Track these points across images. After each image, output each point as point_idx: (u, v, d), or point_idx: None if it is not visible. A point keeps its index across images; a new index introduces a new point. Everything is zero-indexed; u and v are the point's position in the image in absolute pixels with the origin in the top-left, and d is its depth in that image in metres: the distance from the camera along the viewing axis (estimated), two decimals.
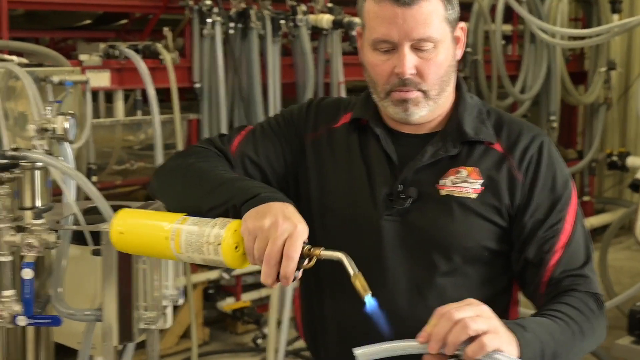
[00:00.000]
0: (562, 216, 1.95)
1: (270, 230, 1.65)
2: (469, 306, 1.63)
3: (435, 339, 1.60)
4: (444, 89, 1.94)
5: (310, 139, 2.08)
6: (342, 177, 2.02)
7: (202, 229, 1.67)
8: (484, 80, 6.66)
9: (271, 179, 2.03)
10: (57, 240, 1.81)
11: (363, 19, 1.96)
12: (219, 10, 4.95)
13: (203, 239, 1.66)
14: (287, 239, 1.65)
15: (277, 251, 1.65)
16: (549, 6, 6.81)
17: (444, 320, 1.61)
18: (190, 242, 1.67)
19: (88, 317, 1.83)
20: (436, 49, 1.89)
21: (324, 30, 5.39)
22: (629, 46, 8.16)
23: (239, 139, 2.08)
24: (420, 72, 1.89)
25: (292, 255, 1.64)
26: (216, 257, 1.67)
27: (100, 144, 4.78)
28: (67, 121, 1.88)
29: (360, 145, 2.03)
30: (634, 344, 4.63)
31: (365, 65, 1.97)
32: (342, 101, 2.14)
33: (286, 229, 1.66)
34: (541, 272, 1.94)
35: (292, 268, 1.65)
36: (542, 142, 1.99)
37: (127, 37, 5.46)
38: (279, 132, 2.09)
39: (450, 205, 1.93)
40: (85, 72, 4.41)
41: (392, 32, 1.87)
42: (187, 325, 5.06)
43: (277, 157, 2.06)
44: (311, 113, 2.11)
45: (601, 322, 1.94)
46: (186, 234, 1.68)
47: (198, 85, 5.06)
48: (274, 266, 1.65)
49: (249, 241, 1.66)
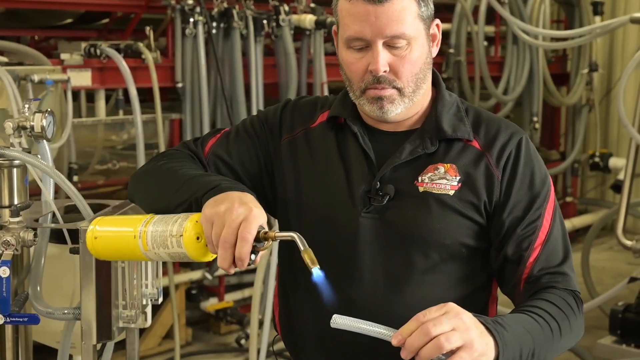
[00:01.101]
0: (540, 213, 1.96)
1: (226, 214, 1.68)
2: (447, 317, 1.63)
3: (409, 350, 1.62)
4: (419, 86, 1.94)
5: (287, 139, 2.08)
6: (320, 175, 2.02)
7: (165, 225, 1.70)
8: (466, 81, 6.68)
9: (245, 180, 2.04)
10: (35, 238, 1.79)
11: (337, 18, 1.96)
12: (201, 10, 4.94)
13: (167, 233, 1.69)
14: (242, 222, 1.67)
15: (232, 234, 1.66)
16: (531, 8, 6.84)
17: (420, 334, 1.61)
18: (155, 238, 1.70)
19: (66, 315, 1.82)
20: (410, 46, 1.89)
21: (306, 31, 5.39)
22: (611, 48, 8.19)
23: (212, 141, 2.09)
24: (394, 69, 1.89)
25: (246, 237, 1.66)
26: (180, 250, 1.69)
27: (82, 144, 4.77)
28: (45, 119, 1.87)
29: (338, 143, 2.03)
30: (615, 343, 4.65)
31: (341, 63, 1.98)
32: (318, 100, 2.15)
33: (241, 212, 1.68)
34: (520, 269, 1.94)
35: (247, 250, 1.66)
36: (520, 140, 1.99)
37: (108, 36, 5.44)
38: (253, 133, 2.09)
39: (428, 202, 1.93)
40: (66, 71, 4.40)
41: (365, 30, 1.87)
42: (169, 325, 5.05)
43: (251, 158, 2.07)
44: (287, 114, 2.11)
45: (579, 320, 1.94)
46: (152, 231, 1.70)
47: (180, 85, 5.05)
48: (229, 249, 1.67)
49: (207, 228, 1.69)
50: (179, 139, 5.13)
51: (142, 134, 4.57)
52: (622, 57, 8.08)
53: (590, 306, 5.15)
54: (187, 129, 5.09)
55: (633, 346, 4.58)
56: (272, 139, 2.08)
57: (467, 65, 6.68)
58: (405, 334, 1.62)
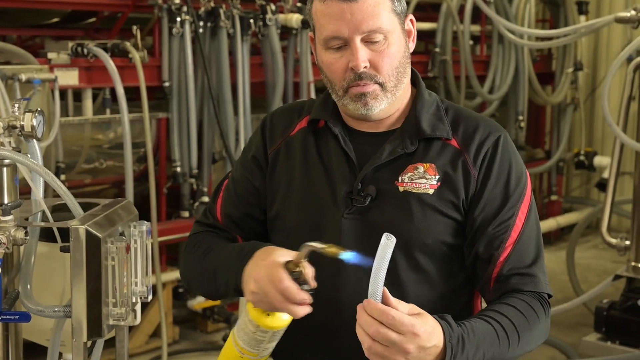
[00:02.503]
0: (513, 212, 1.97)
1: (258, 287, 1.82)
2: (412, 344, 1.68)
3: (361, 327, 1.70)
4: (400, 80, 1.96)
5: (271, 154, 2.11)
6: (302, 180, 2.04)
7: (244, 331, 1.89)
8: (452, 81, 6.70)
9: (261, 213, 2.13)
10: (26, 236, 1.80)
11: (312, 21, 1.99)
12: (188, 9, 4.94)
13: (250, 334, 1.88)
14: (273, 279, 1.79)
15: (275, 295, 1.79)
16: (516, 7, 6.86)
17: (379, 335, 1.67)
18: (251, 344, 1.89)
19: (57, 313, 1.82)
20: (387, 40, 1.92)
21: (293, 30, 5.39)
22: (596, 47, 8.23)
23: (219, 204, 2.16)
24: (375, 64, 1.92)
25: (283, 287, 1.78)
26: (269, 333, 1.87)
27: (69, 143, 4.76)
28: (35, 118, 1.88)
29: (319, 146, 2.05)
30: (600, 340, 4.68)
31: (320, 66, 2.00)
32: (294, 109, 2.17)
33: (263, 275, 1.81)
34: (490, 267, 1.96)
35: (294, 293, 1.78)
36: (497, 138, 2.01)
37: (95, 35, 5.43)
38: (245, 173, 2.14)
39: (409, 202, 1.95)
40: (53, 70, 4.40)
41: (342, 28, 1.90)
42: (156, 324, 5.05)
43: (255, 195, 2.12)
44: (266, 130, 2.14)
45: (544, 324, 1.96)
46: (244, 343, 1.90)
47: (167, 84, 5.05)
48: (286, 303, 1.79)
49: (263, 306, 1.84)
50: (166, 138, 5.14)
51: (129, 133, 4.57)
52: (606, 56, 8.12)
53: (575, 303, 5.18)
54: (174, 128, 5.09)
55: (618, 343, 4.61)
56: (264, 162, 2.12)
57: (453, 65, 6.69)
58: (368, 320, 1.69)
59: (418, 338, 1.68)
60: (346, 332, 1.84)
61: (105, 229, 1.77)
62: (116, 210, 1.91)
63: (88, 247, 1.74)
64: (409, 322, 1.67)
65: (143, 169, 5.12)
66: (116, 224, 1.83)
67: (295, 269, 1.78)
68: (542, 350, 4.94)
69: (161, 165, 5.21)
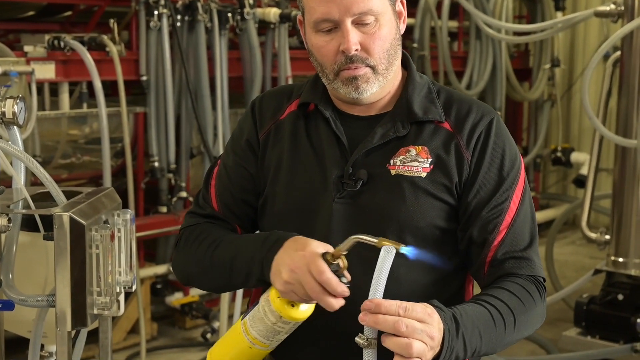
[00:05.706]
0: (508, 195, 1.95)
1: (294, 276, 1.77)
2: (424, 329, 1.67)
3: (378, 326, 1.67)
4: (391, 62, 1.94)
5: (262, 137, 2.07)
6: (293, 164, 2.02)
7: (261, 321, 1.83)
8: (430, 76, 6.67)
9: (255, 200, 2.08)
10: (9, 224, 1.77)
11: (302, 4, 1.96)
12: (165, 3, 4.90)
13: (269, 324, 1.82)
14: (310, 269, 1.74)
15: (313, 286, 1.74)
16: (494, 3, 6.87)
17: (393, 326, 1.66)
18: (267, 335, 1.84)
19: (40, 302, 1.79)
20: (378, 22, 1.89)
21: (271, 24, 5.37)
22: (572, 44, 8.26)
23: (214, 192, 2.10)
24: (366, 47, 1.89)
25: (325, 278, 1.73)
26: (290, 324, 1.83)
27: (45, 137, 4.72)
28: (16, 105, 1.85)
29: (309, 130, 2.02)
30: (580, 335, 4.70)
31: (311, 49, 1.96)
32: (284, 92, 2.13)
33: (301, 263, 1.76)
34: (485, 252, 1.94)
35: (335, 284, 1.74)
36: (490, 120, 1.99)
37: (71, 29, 5.38)
38: (238, 159, 2.09)
39: (401, 185, 1.92)
40: (30, 64, 4.35)
41: (332, 10, 1.87)
42: (134, 320, 5.01)
43: (250, 180, 2.07)
44: (256, 114, 2.10)
45: (540, 308, 1.95)
46: (258, 333, 1.84)
47: (145, 78, 5.01)
48: (323, 294, 1.74)
49: (294, 296, 1.78)
50: (144, 133, 5.10)
51: (106, 128, 4.53)
52: (583, 53, 8.15)
53: (555, 299, 5.19)
54: (151, 122, 5.05)
55: (598, 338, 4.63)
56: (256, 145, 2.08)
57: (430, 60, 6.70)
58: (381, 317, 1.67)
59: (434, 317, 1.71)
60: (344, 332, 1.82)
61: (89, 217, 1.74)
62: (99, 199, 1.88)
63: (72, 235, 1.71)
64: (419, 306, 1.69)
65: (120, 164, 5.08)
66: (100, 212, 1.80)
67: (334, 261, 1.75)
68: (522, 345, 4.94)
69: (139, 161, 5.16)
